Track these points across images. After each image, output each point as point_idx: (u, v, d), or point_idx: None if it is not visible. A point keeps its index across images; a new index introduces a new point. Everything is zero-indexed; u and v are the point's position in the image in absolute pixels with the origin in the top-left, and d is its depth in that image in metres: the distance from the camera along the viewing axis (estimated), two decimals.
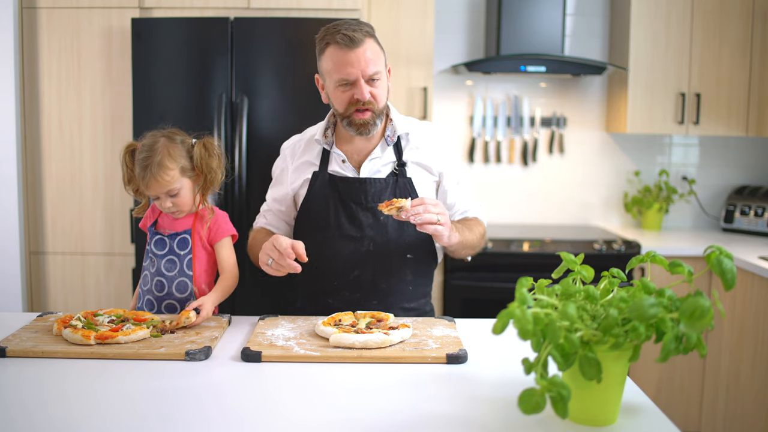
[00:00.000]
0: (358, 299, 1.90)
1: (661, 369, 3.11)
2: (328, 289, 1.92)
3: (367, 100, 1.79)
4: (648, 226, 3.61)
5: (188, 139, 1.88)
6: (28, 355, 1.49)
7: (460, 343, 1.56)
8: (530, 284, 1.18)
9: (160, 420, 1.21)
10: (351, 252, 1.88)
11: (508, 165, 3.66)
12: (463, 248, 1.89)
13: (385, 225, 1.87)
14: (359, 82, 1.78)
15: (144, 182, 1.81)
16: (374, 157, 1.90)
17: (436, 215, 1.69)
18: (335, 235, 1.89)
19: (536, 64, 3.24)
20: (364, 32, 1.78)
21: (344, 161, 1.91)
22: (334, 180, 1.90)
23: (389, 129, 1.92)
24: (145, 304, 1.91)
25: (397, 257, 1.90)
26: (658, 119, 3.34)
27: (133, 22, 2.75)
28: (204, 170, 1.85)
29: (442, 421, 1.19)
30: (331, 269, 1.90)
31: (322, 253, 1.88)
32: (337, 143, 1.94)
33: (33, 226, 2.94)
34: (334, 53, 1.78)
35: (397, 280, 1.91)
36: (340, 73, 1.79)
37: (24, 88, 2.90)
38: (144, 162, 1.80)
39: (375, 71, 1.78)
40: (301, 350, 1.51)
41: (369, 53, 1.78)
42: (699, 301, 1.02)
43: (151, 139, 1.84)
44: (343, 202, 1.89)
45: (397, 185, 1.89)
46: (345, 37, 1.76)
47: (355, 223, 1.88)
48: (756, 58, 3.30)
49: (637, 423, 1.19)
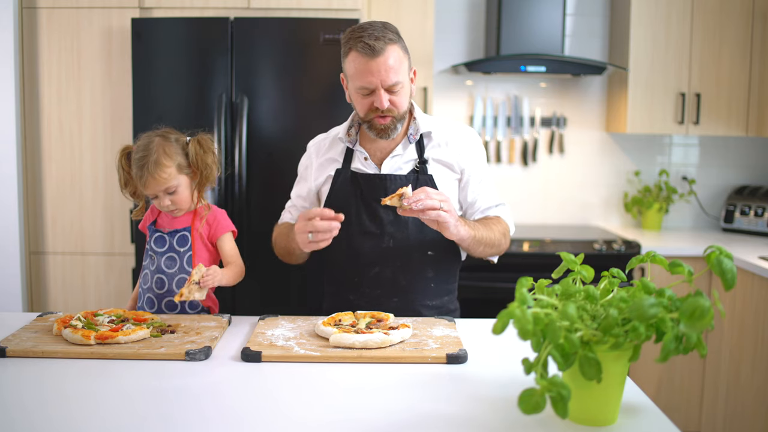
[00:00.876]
0: (379, 296, 1.91)
1: (661, 369, 3.11)
2: (350, 286, 1.93)
3: (386, 108, 1.80)
4: (648, 226, 3.61)
5: (182, 137, 1.90)
6: (28, 355, 1.49)
7: (460, 343, 1.56)
8: (530, 284, 1.18)
9: (160, 420, 1.21)
10: (371, 248, 1.89)
11: (508, 165, 3.66)
12: (478, 245, 1.86)
13: (405, 222, 1.88)
14: (378, 91, 1.78)
15: (142, 181, 1.82)
16: (396, 155, 1.91)
17: (438, 201, 1.68)
18: (356, 231, 1.90)
19: (536, 64, 3.24)
20: (387, 39, 1.77)
21: (366, 159, 1.92)
22: (356, 177, 1.92)
23: (412, 127, 1.93)
24: (146, 302, 1.92)
25: (417, 254, 1.90)
26: (658, 119, 3.34)
27: (133, 22, 2.75)
28: (200, 166, 1.87)
29: (441, 421, 1.19)
30: (351, 266, 1.92)
31: (344, 249, 1.90)
32: (360, 141, 1.95)
33: (33, 226, 2.94)
34: (356, 60, 1.78)
35: (418, 277, 1.92)
36: (360, 81, 1.79)
37: (24, 88, 2.90)
38: (140, 161, 1.82)
39: (395, 81, 1.78)
40: (301, 350, 1.51)
41: (391, 61, 1.76)
42: (699, 301, 1.02)
43: (145, 140, 1.86)
44: (364, 199, 1.90)
45: (417, 182, 1.89)
46: (366, 46, 1.75)
47: (375, 219, 1.89)
48: (756, 58, 3.30)
49: (637, 423, 1.19)
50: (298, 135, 2.74)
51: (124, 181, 1.90)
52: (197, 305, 1.92)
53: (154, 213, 1.96)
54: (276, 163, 2.74)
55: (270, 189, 2.74)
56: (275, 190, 2.40)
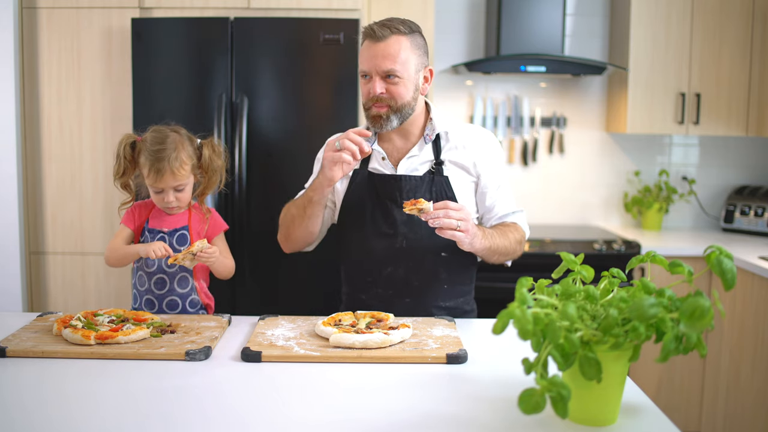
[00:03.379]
0: (391, 296, 1.91)
1: (661, 369, 3.11)
2: (363, 286, 1.93)
3: (378, 95, 1.80)
4: (648, 226, 3.61)
5: (194, 138, 1.92)
6: (28, 355, 1.49)
7: (460, 343, 1.56)
8: (530, 284, 1.18)
9: (160, 420, 1.21)
10: (384, 248, 1.89)
11: (508, 165, 3.66)
12: (492, 254, 1.86)
13: (419, 222, 1.87)
14: (374, 76, 1.80)
15: (158, 175, 1.81)
16: (412, 155, 1.91)
17: (456, 221, 1.69)
18: (370, 231, 1.90)
19: (536, 64, 3.24)
20: (394, 29, 1.79)
21: (384, 159, 1.92)
22: (372, 177, 1.92)
23: (428, 127, 1.93)
24: (145, 304, 1.92)
25: (430, 255, 1.90)
26: (658, 119, 3.34)
27: (133, 22, 2.75)
28: (209, 170, 1.89)
29: (441, 421, 1.19)
30: (365, 266, 1.92)
31: (358, 249, 1.91)
32: (378, 141, 1.95)
33: (33, 225, 2.94)
34: (365, 44, 1.83)
35: (431, 278, 1.91)
36: (361, 65, 1.83)
37: (24, 88, 2.90)
38: (158, 154, 1.81)
39: (390, 68, 1.78)
40: (301, 350, 1.51)
41: (391, 50, 1.78)
42: (699, 301, 1.02)
43: (158, 134, 1.86)
44: (379, 199, 1.90)
45: (433, 183, 1.89)
46: (372, 31, 1.79)
47: (388, 220, 1.89)
48: (756, 58, 3.30)
49: (637, 423, 1.19)
50: (298, 135, 2.75)
51: (123, 169, 1.89)
52: (197, 303, 1.92)
53: (142, 213, 1.95)
54: (276, 163, 2.74)
55: (270, 189, 2.74)
56: (275, 190, 2.41)
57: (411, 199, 1.85)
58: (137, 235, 1.93)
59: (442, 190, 1.88)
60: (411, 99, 1.84)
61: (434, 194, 1.88)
